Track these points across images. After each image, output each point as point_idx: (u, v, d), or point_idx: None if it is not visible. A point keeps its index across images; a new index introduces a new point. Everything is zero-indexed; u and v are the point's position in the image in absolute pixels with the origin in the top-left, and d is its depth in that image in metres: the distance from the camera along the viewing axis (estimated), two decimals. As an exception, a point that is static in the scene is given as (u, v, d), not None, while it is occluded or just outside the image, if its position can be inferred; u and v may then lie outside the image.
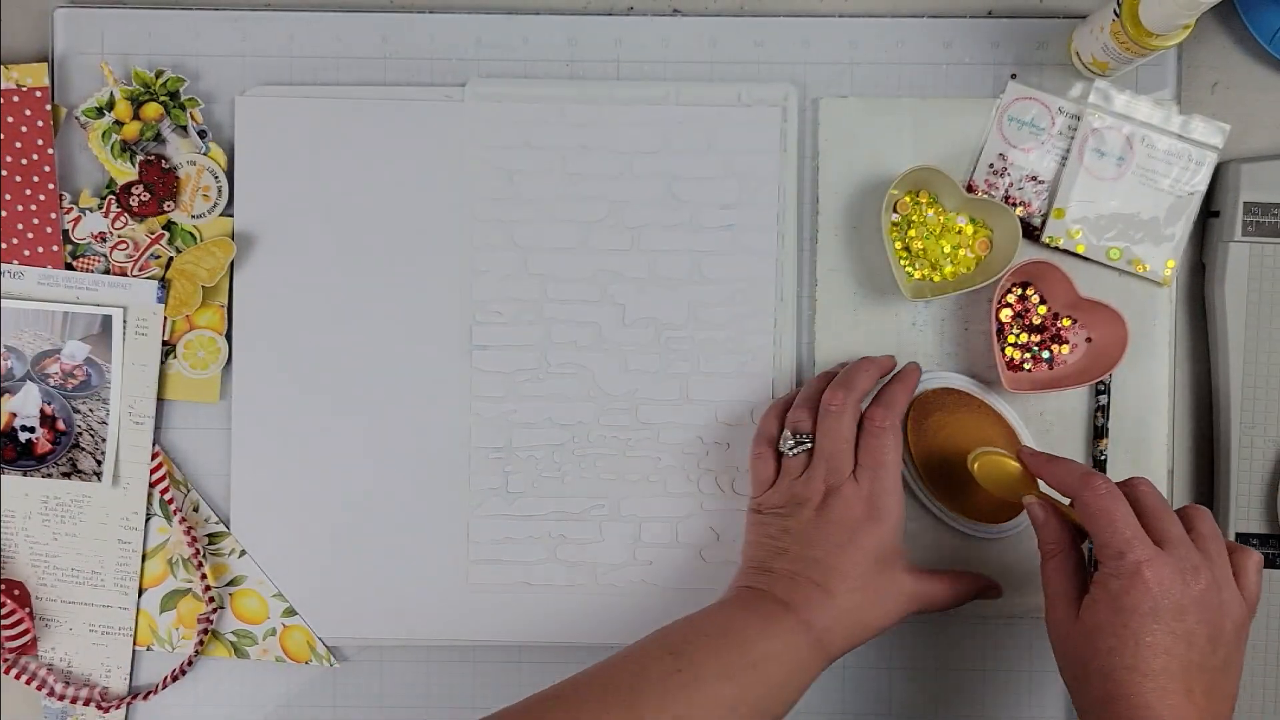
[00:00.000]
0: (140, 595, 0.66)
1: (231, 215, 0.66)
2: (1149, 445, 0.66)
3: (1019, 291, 0.65)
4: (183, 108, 0.65)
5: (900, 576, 0.59)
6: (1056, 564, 0.57)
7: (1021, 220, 0.65)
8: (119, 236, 0.65)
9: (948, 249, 0.65)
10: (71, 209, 0.65)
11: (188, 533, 0.65)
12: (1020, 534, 0.66)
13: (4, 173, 0.64)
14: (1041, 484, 0.59)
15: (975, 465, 0.61)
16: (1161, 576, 0.51)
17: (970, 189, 0.66)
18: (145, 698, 0.66)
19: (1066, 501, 0.57)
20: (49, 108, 0.65)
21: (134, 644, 0.66)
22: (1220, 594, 0.52)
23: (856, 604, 0.57)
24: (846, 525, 0.58)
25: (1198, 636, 0.51)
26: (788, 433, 0.62)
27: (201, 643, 0.65)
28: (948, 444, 0.64)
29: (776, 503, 0.61)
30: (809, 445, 0.61)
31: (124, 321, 0.65)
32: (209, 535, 0.66)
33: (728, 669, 0.53)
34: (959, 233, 0.65)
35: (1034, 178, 0.65)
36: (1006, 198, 0.65)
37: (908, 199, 0.65)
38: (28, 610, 0.66)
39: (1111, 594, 0.52)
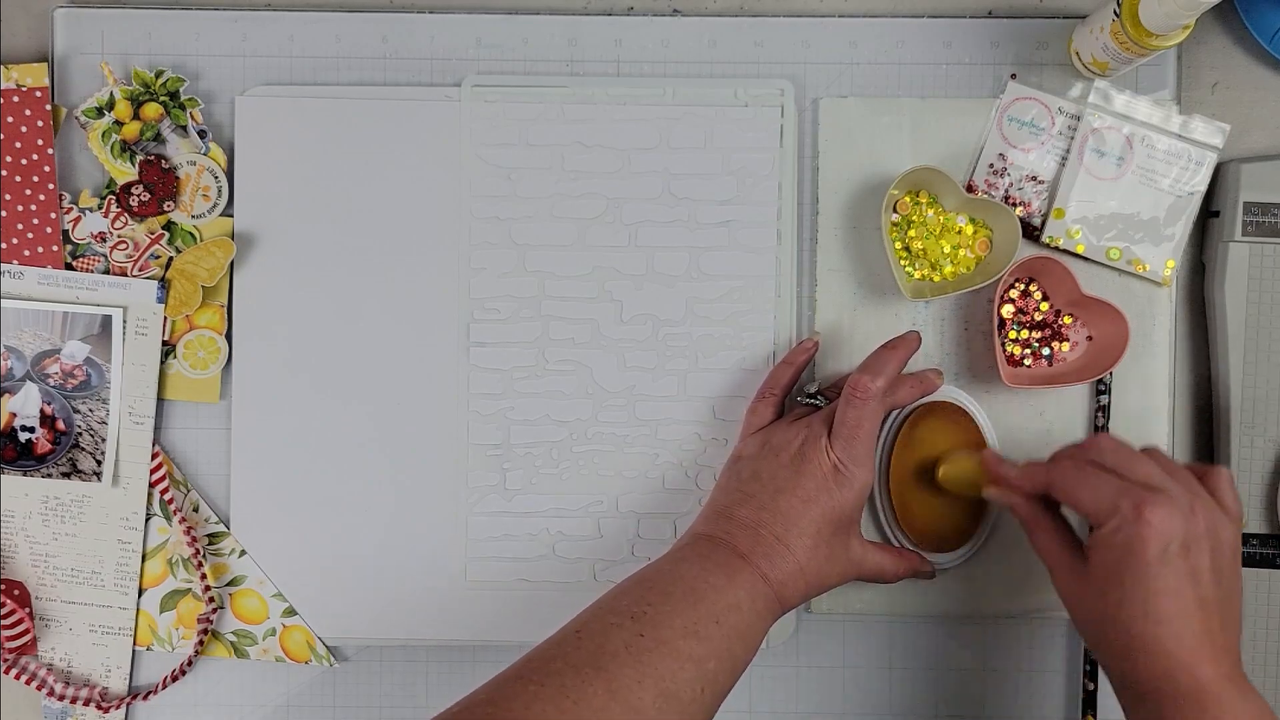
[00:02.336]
0: (140, 595, 0.66)
1: (231, 215, 0.66)
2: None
3: (1021, 287, 0.65)
4: (183, 108, 0.65)
5: (853, 543, 0.60)
6: (1042, 532, 0.56)
7: (1021, 220, 0.64)
8: (119, 236, 0.65)
9: (948, 249, 0.65)
10: (71, 209, 0.65)
11: (188, 533, 0.65)
12: (975, 557, 0.66)
13: (4, 173, 0.64)
14: None
15: (942, 469, 0.62)
16: (1163, 516, 0.50)
17: (970, 189, 0.66)
18: (145, 698, 0.66)
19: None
20: (49, 108, 0.65)
21: (134, 644, 0.66)
22: (1214, 519, 0.52)
23: (811, 561, 0.57)
24: (816, 481, 0.58)
25: (1203, 571, 0.51)
26: (816, 385, 0.64)
27: (201, 643, 0.65)
28: (930, 453, 0.64)
29: (756, 445, 0.61)
30: (819, 407, 0.62)
31: (124, 321, 0.65)
32: (209, 535, 0.66)
33: (692, 626, 0.52)
34: (959, 233, 0.65)
35: (1034, 178, 0.65)
36: (1006, 198, 0.65)
37: (908, 199, 0.65)
38: (28, 610, 0.66)
39: (1117, 546, 0.51)
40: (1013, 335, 0.65)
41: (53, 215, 0.65)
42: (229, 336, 0.66)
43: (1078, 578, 0.54)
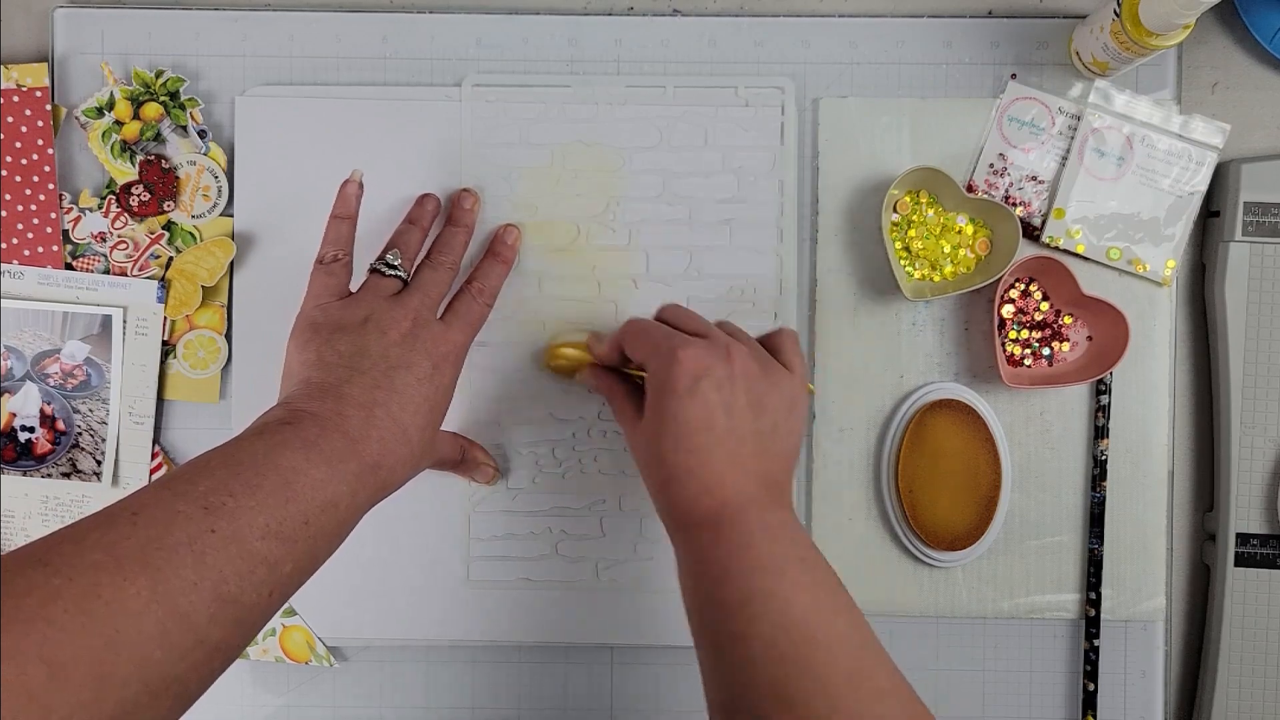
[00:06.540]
0: (140, 595, 0.66)
1: (231, 215, 0.66)
2: (1149, 445, 0.66)
3: (1021, 287, 0.65)
4: (183, 108, 0.65)
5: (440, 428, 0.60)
6: (616, 395, 0.60)
7: (1021, 220, 0.65)
8: (119, 236, 0.65)
9: (948, 249, 0.65)
10: (71, 209, 0.65)
11: (187, 533, 0.65)
12: (985, 554, 0.66)
13: (4, 173, 0.64)
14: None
15: (548, 355, 0.64)
16: (693, 355, 0.53)
17: (970, 189, 0.66)
18: (145, 698, 0.66)
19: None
20: (49, 108, 0.65)
21: (133, 644, 0.66)
22: (761, 367, 0.55)
23: (421, 443, 0.56)
24: (432, 359, 0.57)
25: (737, 407, 0.53)
26: (396, 252, 0.60)
27: (201, 643, 0.65)
28: (938, 451, 0.65)
29: (353, 318, 0.56)
30: (405, 281, 0.60)
31: (124, 321, 0.65)
32: (209, 535, 0.66)
33: (276, 526, 0.46)
34: (959, 233, 0.65)
35: (1034, 178, 0.65)
36: (1006, 198, 0.65)
37: (908, 199, 0.65)
38: (27, 610, 0.65)
39: (656, 385, 0.54)
40: (1013, 335, 0.65)
41: (53, 215, 0.65)
42: (229, 336, 0.66)
43: (638, 426, 0.56)
